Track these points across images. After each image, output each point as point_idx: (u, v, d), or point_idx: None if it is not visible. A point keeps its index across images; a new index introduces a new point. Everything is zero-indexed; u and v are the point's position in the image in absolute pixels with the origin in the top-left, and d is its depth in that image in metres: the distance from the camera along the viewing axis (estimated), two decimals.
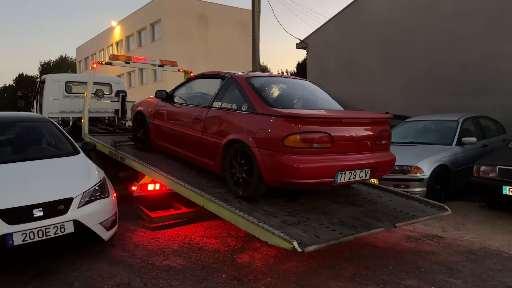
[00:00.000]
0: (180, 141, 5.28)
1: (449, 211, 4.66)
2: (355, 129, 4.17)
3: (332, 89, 5.15)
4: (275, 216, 3.88)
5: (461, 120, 7.71)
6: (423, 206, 4.72)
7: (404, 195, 5.10)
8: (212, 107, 4.76)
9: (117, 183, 5.84)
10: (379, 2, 13.50)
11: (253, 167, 4.01)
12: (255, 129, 4.01)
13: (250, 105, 4.23)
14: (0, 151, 4.97)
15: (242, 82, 4.53)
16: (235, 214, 3.89)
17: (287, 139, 3.73)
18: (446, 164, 6.82)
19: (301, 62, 30.47)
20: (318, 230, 3.69)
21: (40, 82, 10.08)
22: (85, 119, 7.18)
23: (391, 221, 4.11)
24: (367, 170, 4.23)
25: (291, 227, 3.68)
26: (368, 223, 4.00)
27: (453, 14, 11.34)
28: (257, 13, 14.43)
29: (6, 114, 5.99)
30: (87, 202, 4.14)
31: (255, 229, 3.67)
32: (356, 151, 4.16)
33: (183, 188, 4.59)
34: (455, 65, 11.30)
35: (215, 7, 33.22)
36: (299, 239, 3.40)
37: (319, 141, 3.83)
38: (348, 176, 4.07)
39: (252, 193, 4.13)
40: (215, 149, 4.50)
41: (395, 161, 4.66)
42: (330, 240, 3.50)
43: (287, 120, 3.80)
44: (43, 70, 51.62)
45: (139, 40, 35.05)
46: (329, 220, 3.96)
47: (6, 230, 3.63)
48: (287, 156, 3.75)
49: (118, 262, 4.30)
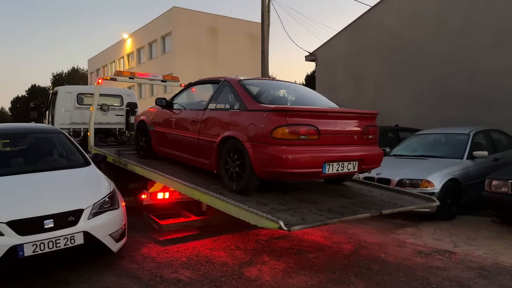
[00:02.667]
0: (179, 145, 5.51)
1: (437, 202, 4.76)
2: (341, 123, 4.37)
3: (341, 101, 5.24)
4: (265, 205, 4.05)
5: (472, 133, 7.64)
6: (412, 198, 4.88)
7: (395, 190, 5.24)
8: (207, 109, 5.04)
9: (126, 194, 5.91)
10: (388, 15, 13.54)
11: (245, 161, 4.21)
12: (246, 125, 4.24)
13: (241, 103, 4.49)
14: (12, 162, 5.05)
15: (234, 84, 4.81)
16: (228, 203, 4.10)
17: (275, 132, 3.94)
18: (457, 178, 6.74)
19: (310, 74, 30.57)
20: (305, 215, 3.84)
21: (52, 94, 10.23)
22: (91, 131, 7.41)
23: (378, 209, 4.25)
24: (354, 162, 4.41)
25: (280, 212, 3.83)
26: (355, 210, 4.15)
27: (463, 27, 11.33)
28: (266, 26, 14.58)
29: (19, 125, 6.10)
30: (97, 214, 4.16)
31: (245, 214, 3.87)
32: (343, 144, 4.37)
33: (181, 185, 4.80)
34: (465, 78, 11.25)
35: (225, 20, 33.58)
36: (287, 221, 3.55)
37: (306, 133, 4.03)
38: (336, 168, 4.25)
39: (245, 186, 4.31)
40: (211, 148, 4.73)
41: (382, 155, 4.82)
42: (316, 222, 3.67)
43: (275, 113, 4.03)
44: (55, 81, 52.46)
45: (150, 52, 35.49)
46: (317, 208, 4.11)
47: (17, 241, 3.66)
48: (276, 147, 3.94)
49: (127, 274, 4.30)
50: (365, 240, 5.55)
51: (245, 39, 33.58)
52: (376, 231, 6.03)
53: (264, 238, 5.58)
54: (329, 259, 4.74)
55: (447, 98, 11.70)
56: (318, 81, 16.57)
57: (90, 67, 49.26)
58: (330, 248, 5.17)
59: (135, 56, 37.65)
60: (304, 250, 5.07)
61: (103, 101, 9.83)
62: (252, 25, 32.96)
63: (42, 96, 47.41)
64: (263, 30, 14.51)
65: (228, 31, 33.16)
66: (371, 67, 14.10)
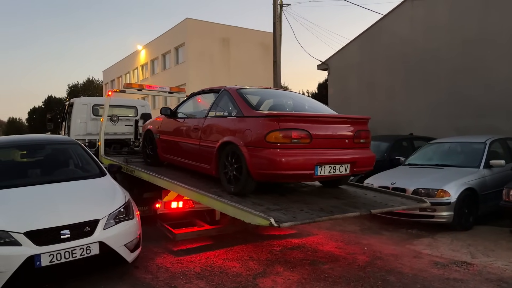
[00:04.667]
0: (182, 151, 5.77)
1: (428, 203, 4.91)
2: (333, 128, 4.62)
3: (354, 109, 5.40)
4: (260, 205, 4.23)
5: (488, 142, 7.52)
6: (404, 200, 5.05)
7: (389, 193, 5.39)
8: (208, 117, 5.31)
9: (141, 203, 5.97)
10: (401, 24, 13.49)
11: (242, 164, 4.41)
12: (243, 130, 4.48)
13: (238, 110, 4.74)
14: (29, 173, 5.15)
15: (233, 92, 5.04)
16: (225, 203, 4.32)
17: (269, 136, 4.16)
18: (473, 187, 6.63)
19: (322, 82, 30.55)
20: (297, 213, 4.02)
21: (68, 105, 10.42)
22: (101, 141, 7.83)
23: (368, 208, 4.42)
24: (346, 165, 4.60)
25: (273, 212, 4.01)
26: (345, 209, 4.33)
27: (477, 34, 11.23)
28: (278, 36, 14.66)
29: (36, 137, 6.21)
30: (112, 224, 4.21)
31: (240, 213, 4.07)
32: (335, 147, 4.57)
33: (182, 188, 5.04)
34: (480, 85, 11.12)
35: (237, 31, 33.83)
36: (278, 218, 3.73)
37: (298, 137, 4.24)
38: (327, 170, 4.45)
39: (243, 188, 4.50)
40: (211, 153, 4.96)
41: (374, 158, 4.99)
42: (306, 219, 3.86)
43: (269, 119, 4.27)
44: (70, 92, 53.37)
45: (163, 63, 35.90)
46: (309, 207, 4.28)
47: (35, 251, 3.71)
48: (270, 150, 4.16)
49: (141, 284, 4.32)
50: (380, 250, 5.48)
51: (257, 49, 33.74)
52: (391, 242, 5.95)
53: (277, 249, 5.55)
54: (344, 270, 4.69)
55: (462, 106, 11.55)
56: (330, 90, 16.55)
57: (105, 78, 50.02)
58: (344, 259, 5.12)
59: (149, 67, 38.12)
60: (318, 261, 5.03)
61: (119, 112, 9.98)
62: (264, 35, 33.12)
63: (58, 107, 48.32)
64: (275, 40, 14.58)
65: (241, 41, 33.38)
66: (384, 76, 14.03)
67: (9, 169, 5.23)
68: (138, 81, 39.86)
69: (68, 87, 55.67)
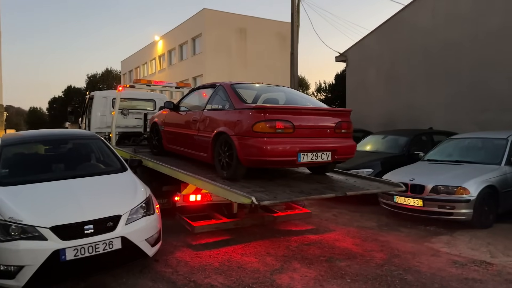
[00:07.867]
0: (183, 141, 6.30)
1: (403, 187, 5.53)
2: (315, 119, 5.09)
3: (372, 101, 5.65)
4: (248, 188, 4.68)
5: (510, 138, 7.36)
6: (381, 184, 5.60)
7: (369, 179, 5.88)
8: (205, 110, 5.79)
9: (160, 196, 6.10)
10: (423, 15, 13.21)
11: (233, 152, 4.88)
12: (234, 121, 4.97)
13: (231, 103, 5.21)
14: (53, 168, 5.28)
15: (227, 87, 5.51)
16: (216, 185, 4.83)
17: (255, 126, 4.63)
18: (494, 184, 6.52)
19: (340, 73, 30.16)
20: (278, 194, 4.53)
21: (89, 98, 10.58)
22: (113, 133, 8.51)
23: (344, 191, 4.93)
24: (327, 153, 5.05)
25: (258, 193, 4.46)
26: (323, 191, 4.91)
27: (500, 27, 10.91)
28: (296, 27, 14.53)
29: (58, 131, 6.36)
30: (134, 219, 4.31)
31: (228, 194, 4.58)
32: (316, 137, 5.02)
33: (181, 174, 5.56)
34: (503, 79, 10.84)
35: (254, 21, 33.62)
36: (259, 198, 4.22)
37: (282, 127, 4.71)
38: (309, 157, 4.91)
39: (234, 173, 4.99)
40: (207, 142, 5.44)
41: (355, 147, 5.45)
42: (284, 199, 4.50)
43: (256, 111, 4.74)
44: (89, 82, 54.03)
45: (180, 54, 35.99)
46: (291, 190, 4.79)
47: (60, 245, 3.84)
48: (257, 139, 4.63)
49: (162, 278, 4.43)
50: (398, 248, 5.47)
51: (274, 39, 33.51)
52: (409, 239, 5.93)
53: (294, 244, 5.60)
54: (361, 268, 4.71)
55: (484, 101, 11.29)
56: (348, 82, 16.39)
57: (123, 69, 50.50)
58: (362, 256, 5.13)
59: (166, 57, 38.29)
60: (335, 258, 5.06)
61: (137, 105, 10.11)
62: (282, 25, 32.87)
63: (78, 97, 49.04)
64: (292, 31, 14.46)
65: (258, 31, 33.17)
66: (404, 68, 13.80)
67: (34, 164, 5.36)
68: (155, 71, 40.13)
69: (87, 77, 56.35)
